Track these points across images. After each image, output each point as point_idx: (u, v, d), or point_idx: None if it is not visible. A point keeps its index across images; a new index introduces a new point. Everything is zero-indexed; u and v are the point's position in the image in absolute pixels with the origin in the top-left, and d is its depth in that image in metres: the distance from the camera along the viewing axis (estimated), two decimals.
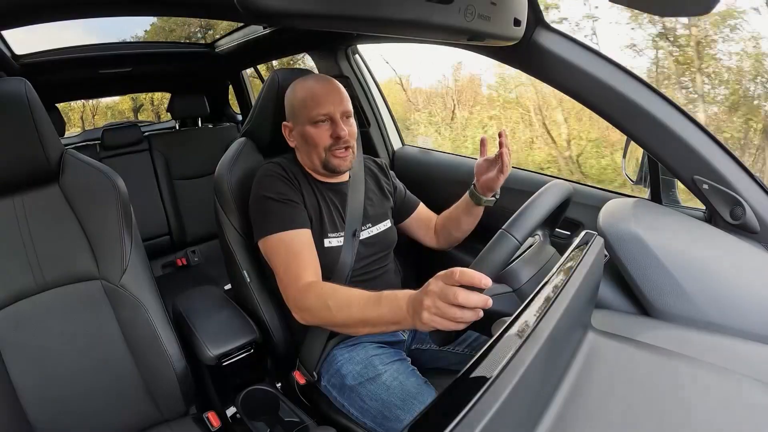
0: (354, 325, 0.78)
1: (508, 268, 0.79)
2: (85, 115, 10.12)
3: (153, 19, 8.98)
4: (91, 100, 9.29)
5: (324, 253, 0.96)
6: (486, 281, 0.59)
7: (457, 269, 0.61)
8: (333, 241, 0.99)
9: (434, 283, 0.63)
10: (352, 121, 1.00)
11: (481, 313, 0.61)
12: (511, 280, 0.80)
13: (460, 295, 0.59)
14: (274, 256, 0.92)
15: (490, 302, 0.60)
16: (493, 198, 1.05)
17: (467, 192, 1.07)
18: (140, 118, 9.50)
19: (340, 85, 1.00)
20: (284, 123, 1.02)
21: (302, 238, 0.92)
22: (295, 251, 0.90)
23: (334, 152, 0.97)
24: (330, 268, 0.97)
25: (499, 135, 0.97)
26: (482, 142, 1.05)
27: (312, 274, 0.89)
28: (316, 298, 0.82)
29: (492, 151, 1.03)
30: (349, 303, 0.78)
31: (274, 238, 0.92)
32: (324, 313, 0.81)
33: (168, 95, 2.57)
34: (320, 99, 0.95)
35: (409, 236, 1.22)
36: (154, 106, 10.03)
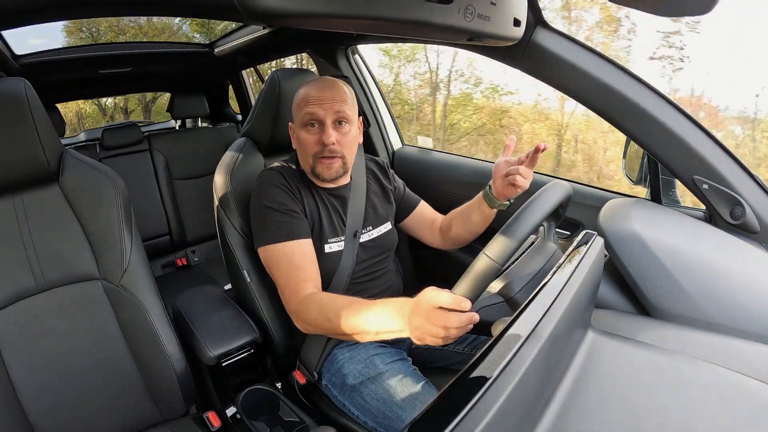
0: (356, 334, 0.79)
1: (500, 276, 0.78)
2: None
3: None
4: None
5: (324, 258, 0.96)
6: (466, 304, 0.61)
7: (437, 294, 0.62)
8: (333, 246, 0.98)
9: (419, 304, 0.64)
10: (348, 128, 0.94)
11: (470, 327, 0.62)
12: (503, 289, 0.78)
13: (443, 318, 0.61)
14: (275, 266, 0.92)
15: (476, 318, 0.62)
16: (507, 202, 0.97)
17: (481, 192, 1.00)
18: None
19: (343, 89, 0.94)
20: (290, 123, 1.01)
21: (303, 249, 0.92)
22: (296, 264, 0.90)
23: (320, 159, 0.93)
24: (330, 272, 0.97)
25: (540, 148, 0.88)
26: (508, 142, 0.95)
27: (312, 285, 0.89)
28: (317, 311, 0.83)
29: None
30: (348, 314, 0.78)
31: (275, 248, 0.91)
32: (326, 324, 0.82)
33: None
34: (311, 102, 0.91)
35: (411, 235, 1.19)
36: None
